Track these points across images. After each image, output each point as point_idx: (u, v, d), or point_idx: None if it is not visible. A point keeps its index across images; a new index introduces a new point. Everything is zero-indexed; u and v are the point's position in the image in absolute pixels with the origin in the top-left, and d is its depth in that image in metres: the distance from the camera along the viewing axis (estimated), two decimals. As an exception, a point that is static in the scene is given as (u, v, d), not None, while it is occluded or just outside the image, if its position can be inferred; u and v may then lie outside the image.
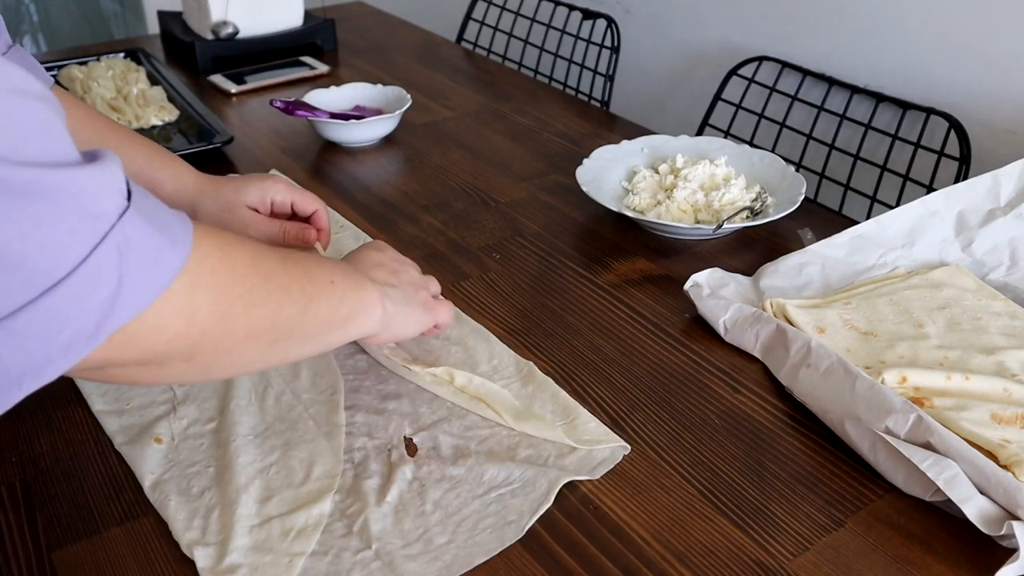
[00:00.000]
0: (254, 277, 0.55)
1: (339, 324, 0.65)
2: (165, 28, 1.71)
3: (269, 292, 0.57)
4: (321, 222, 0.91)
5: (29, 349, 0.42)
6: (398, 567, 0.61)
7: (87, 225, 0.43)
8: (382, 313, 0.70)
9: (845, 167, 1.41)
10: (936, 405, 0.72)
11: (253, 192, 0.89)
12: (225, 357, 0.55)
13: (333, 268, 0.66)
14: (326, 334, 0.64)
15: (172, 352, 0.50)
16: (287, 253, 0.62)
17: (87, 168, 0.44)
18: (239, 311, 0.54)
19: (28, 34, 3.16)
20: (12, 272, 0.41)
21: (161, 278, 0.47)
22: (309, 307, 0.60)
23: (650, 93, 1.87)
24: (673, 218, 1.03)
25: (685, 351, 0.84)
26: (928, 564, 0.62)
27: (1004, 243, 0.93)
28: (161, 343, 0.49)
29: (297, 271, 0.60)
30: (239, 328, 0.54)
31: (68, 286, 0.42)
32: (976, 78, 1.30)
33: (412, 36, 1.79)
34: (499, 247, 1.02)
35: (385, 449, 0.72)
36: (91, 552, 0.63)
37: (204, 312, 0.51)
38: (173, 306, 0.48)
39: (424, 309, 0.76)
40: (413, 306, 0.74)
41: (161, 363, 0.51)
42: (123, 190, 0.46)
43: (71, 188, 0.42)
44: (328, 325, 0.64)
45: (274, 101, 1.26)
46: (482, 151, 1.26)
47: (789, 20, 1.55)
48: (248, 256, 0.56)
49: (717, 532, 0.64)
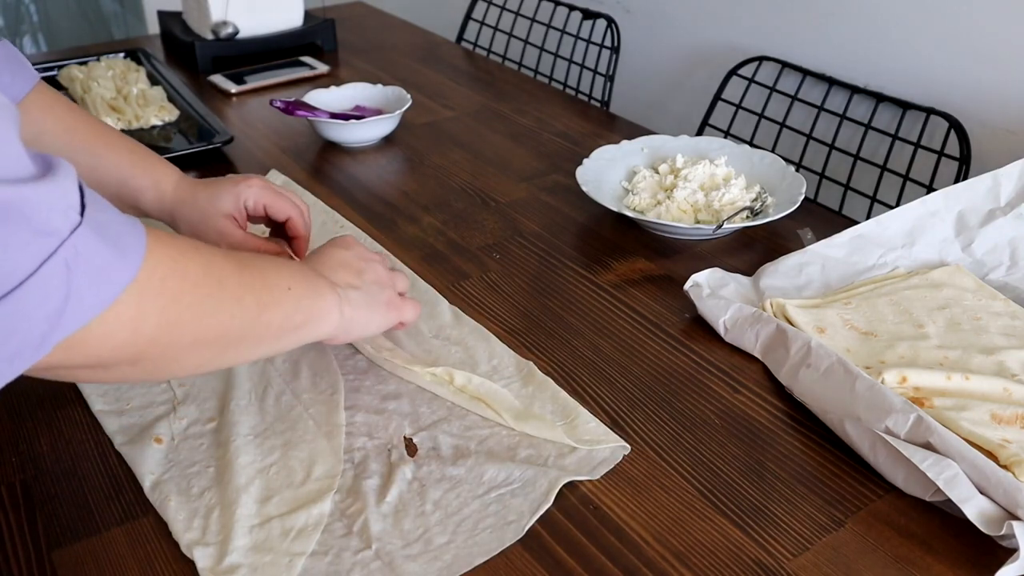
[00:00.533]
0: (206, 287, 0.55)
1: (292, 329, 0.65)
2: (165, 28, 1.71)
3: (221, 301, 0.57)
4: (296, 229, 0.88)
5: None
6: (398, 567, 0.61)
7: (36, 241, 0.43)
8: (339, 318, 0.69)
9: (845, 167, 1.41)
10: (936, 405, 0.72)
11: (226, 198, 0.85)
12: (172, 363, 0.56)
13: (292, 273, 0.66)
14: (279, 339, 0.64)
15: (118, 358, 0.51)
16: (244, 259, 0.62)
17: (38, 184, 0.44)
18: (188, 320, 0.54)
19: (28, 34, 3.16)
20: None
21: (109, 292, 0.47)
22: (263, 315, 0.61)
23: (650, 93, 1.87)
24: (673, 218, 1.03)
25: (685, 351, 0.84)
26: (928, 564, 0.62)
27: (1004, 243, 0.93)
28: (106, 351, 0.49)
29: (253, 278, 0.61)
30: (186, 336, 0.55)
31: (14, 300, 0.42)
32: (976, 78, 1.30)
33: (412, 36, 1.79)
34: (499, 247, 1.02)
35: (385, 449, 0.72)
36: (91, 552, 0.63)
37: (152, 322, 0.51)
38: (120, 317, 0.49)
39: (388, 308, 0.75)
40: (374, 307, 0.74)
41: (106, 367, 0.52)
42: (76, 204, 0.46)
43: (20, 205, 0.42)
44: (281, 331, 0.64)
45: (274, 101, 1.26)
46: (482, 151, 1.26)
47: (789, 20, 1.55)
48: (201, 265, 0.56)
49: (717, 532, 0.64)
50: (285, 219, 0.88)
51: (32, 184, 0.43)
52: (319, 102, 1.29)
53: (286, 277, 0.65)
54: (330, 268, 0.73)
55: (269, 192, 0.87)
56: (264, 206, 0.87)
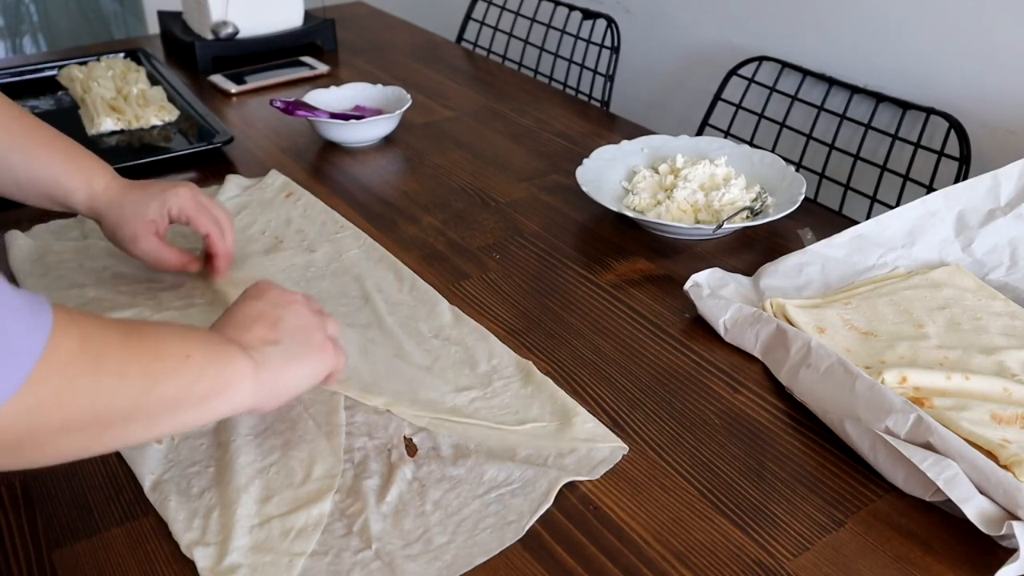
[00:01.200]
0: (79, 365, 0.50)
1: (196, 403, 0.58)
2: (165, 28, 1.71)
3: (97, 379, 0.51)
4: (214, 247, 0.87)
5: None
6: (398, 567, 0.61)
7: None
8: (254, 384, 0.62)
9: (845, 167, 1.41)
10: (936, 405, 0.72)
11: (152, 204, 0.86)
12: (37, 450, 0.51)
13: (193, 341, 0.59)
14: (176, 414, 0.57)
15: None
16: (135, 328, 0.56)
17: None
18: (52, 405, 0.48)
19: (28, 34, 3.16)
20: None
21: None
22: (154, 388, 0.55)
23: (650, 93, 1.87)
24: (673, 218, 1.03)
25: (685, 351, 0.84)
26: (928, 564, 0.62)
27: (1004, 243, 0.93)
28: None
29: (143, 348, 0.55)
30: (52, 422, 0.49)
31: None
32: (976, 78, 1.30)
33: (412, 36, 1.79)
34: (499, 247, 1.02)
35: (385, 449, 0.72)
36: (91, 552, 0.63)
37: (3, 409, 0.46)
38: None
39: (321, 352, 0.67)
40: (300, 359, 0.65)
41: None
42: None
43: None
44: (178, 405, 0.57)
45: (274, 101, 1.26)
46: (482, 151, 1.26)
47: (789, 20, 1.55)
48: (75, 341, 0.50)
49: (717, 532, 0.64)
50: (205, 234, 0.88)
51: None
52: (319, 102, 1.29)
53: (186, 344, 0.58)
54: (241, 327, 0.65)
55: (193, 204, 0.87)
56: (188, 219, 0.87)
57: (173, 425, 0.58)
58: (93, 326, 0.52)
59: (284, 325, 0.66)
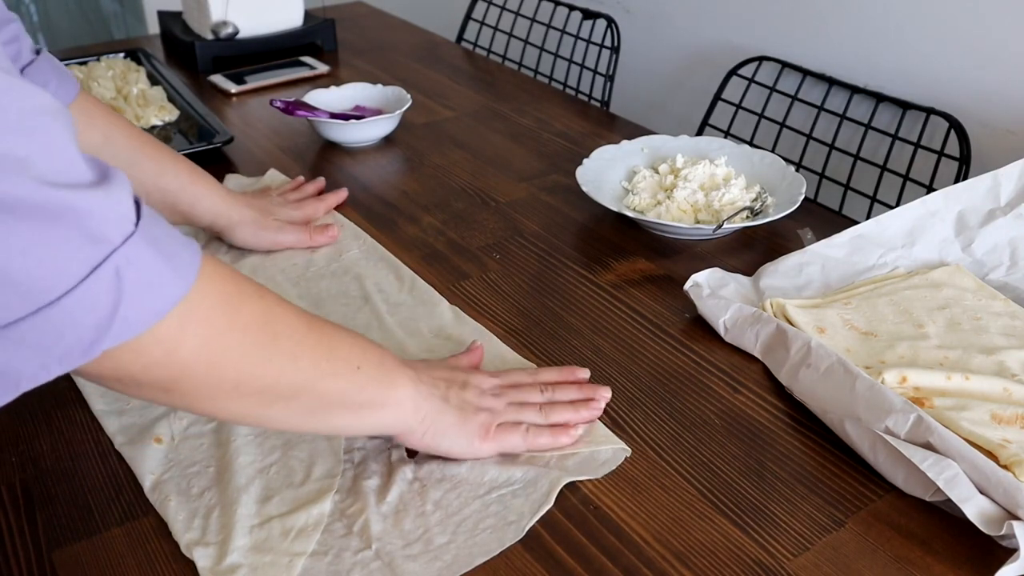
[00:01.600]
0: (257, 333, 0.54)
1: (353, 409, 0.62)
2: (165, 28, 1.71)
3: (270, 354, 0.55)
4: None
5: (25, 356, 0.43)
6: (398, 567, 0.61)
7: (88, 248, 0.43)
8: (413, 413, 0.65)
9: (845, 167, 1.41)
10: (936, 405, 0.72)
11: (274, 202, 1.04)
12: (208, 402, 0.54)
13: (369, 355, 0.63)
14: (332, 414, 0.61)
15: (150, 379, 0.50)
16: (318, 322, 0.60)
17: (94, 191, 0.44)
18: (229, 362, 0.52)
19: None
20: (12, 287, 0.41)
21: (158, 306, 0.47)
22: (319, 383, 0.59)
23: (650, 93, 1.87)
24: (673, 218, 1.03)
25: (685, 351, 0.84)
26: (928, 564, 0.62)
27: (1004, 243, 0.93)
28: (137, 367, 0.48)
29: (318, 344, 0.59)
30: (227, 379, 0.53)
31: (64, 305, 0.43)
32: (976, 78, 1.30)
33: (412, 36, 1.79)
34: (499, 247, 1.02)
35: (385, 449, 0.72)
36: (91, 552, 0.63)
37: (189, 349, 0.50)
38: (155, 333, 0.47)
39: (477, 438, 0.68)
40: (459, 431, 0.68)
41: (140, 385, 0.50)
42: (130, 214, 0.46)
43: (76, 211, 0.43)
44: (336, 406, 0.61)
45: (274, 101, 1.26)
46: (482, 151, 1.26)
47: (789, 20, 1.55)
48: (259, 311, 0.54)
49: (717, 532, 0.64)
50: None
51: (87, 190, 0.43)
52: (319, 102, 1.29)
53: (358, 354, 0.62)
54: (429, 367, 0.70)
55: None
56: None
57: (328, 423, 0.63)
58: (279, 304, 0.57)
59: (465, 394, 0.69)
